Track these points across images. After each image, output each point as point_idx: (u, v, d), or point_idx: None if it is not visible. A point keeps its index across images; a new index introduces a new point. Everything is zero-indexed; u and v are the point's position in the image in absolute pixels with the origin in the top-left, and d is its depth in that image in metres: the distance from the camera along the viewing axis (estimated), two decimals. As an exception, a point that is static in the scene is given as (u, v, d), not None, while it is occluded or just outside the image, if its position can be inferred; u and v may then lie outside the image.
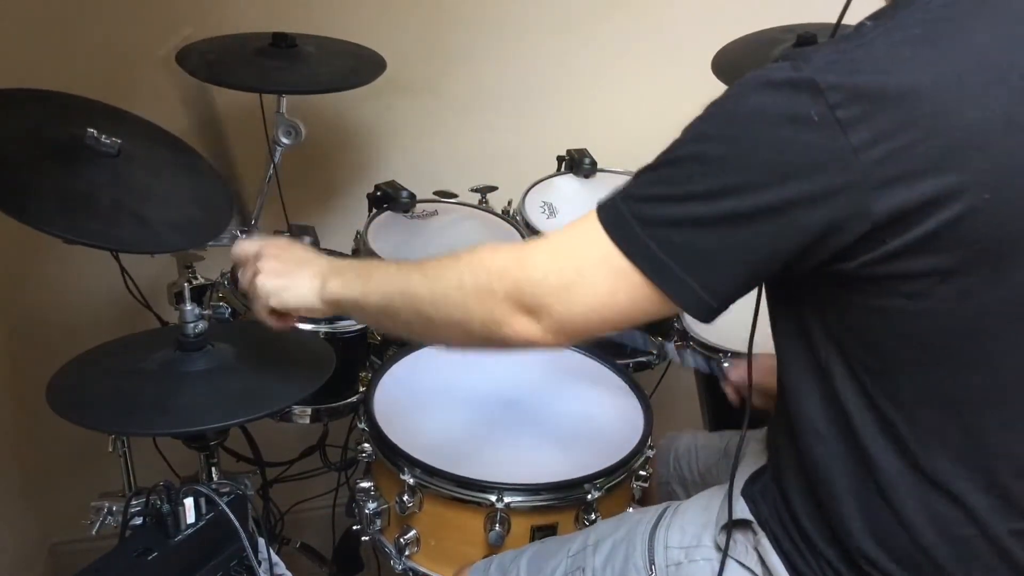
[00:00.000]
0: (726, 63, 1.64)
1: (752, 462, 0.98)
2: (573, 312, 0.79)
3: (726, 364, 1.35)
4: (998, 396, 0.77)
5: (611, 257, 0.76)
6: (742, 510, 0.92)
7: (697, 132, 0.75)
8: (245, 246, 1.01)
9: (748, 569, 0.91)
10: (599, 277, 0.77)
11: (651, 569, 0.97)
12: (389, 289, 0.90)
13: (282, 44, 1.45)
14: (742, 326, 0.93)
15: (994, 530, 0.78)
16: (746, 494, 0.94)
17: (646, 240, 0.75)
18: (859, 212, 0.69)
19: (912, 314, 0.73)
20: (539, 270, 0.80)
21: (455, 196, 1.69)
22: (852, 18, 0.84)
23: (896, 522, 0.80)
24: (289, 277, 0.96)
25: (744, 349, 0.94)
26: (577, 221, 0.80)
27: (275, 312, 0.99)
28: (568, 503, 1.14)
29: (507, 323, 0.81)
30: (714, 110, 0.74)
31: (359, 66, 1.50)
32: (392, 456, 1.17)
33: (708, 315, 0.76)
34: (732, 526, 0.92)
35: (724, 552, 0.92)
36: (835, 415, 0.81)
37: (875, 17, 0.76)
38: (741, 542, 0.92)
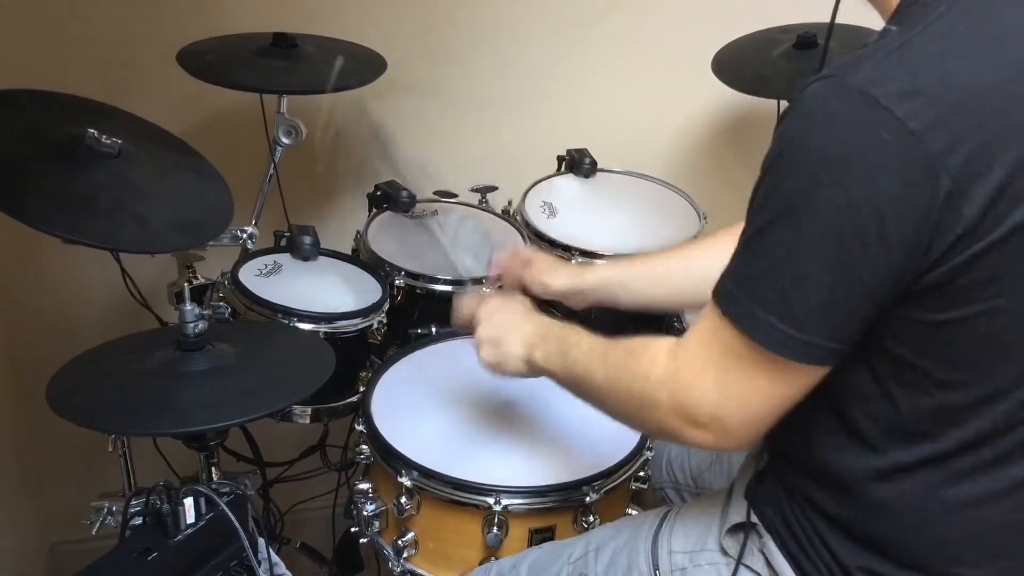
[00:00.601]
0: (726, 63, 1.65)
1: (753, 464, 0.97)
2: (736, 416, 0.80)
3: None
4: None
5: (743, 347, 0.76)
6: (747, 513, 0.92)
7: (773, 191, 0.73)
8: (466, 305, 1.15)
9: (755, 572, 0.91)
10: (744, 372, 0.77)
11: (655, 574, 0.96)
12: (581, 376, 0.97)
13: (282, 44, 1.45)
14: None
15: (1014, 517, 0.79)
16: (749, 497, 0.93)
17: (769, 320, 0.74)
18: (952, 218, 0.68)
19: (989, 314, 0.72)
20: (689, 381, 0.82)
21: (455, 196, 1.69)
22: (846, 17, 0.84)
23: (921, 524, 0.80)
24: (501, 345, 1.06)
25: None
26: (705, 317, 0.80)
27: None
28: (566, 505, 1.14)
29: (681, 433, 0.84)
30: (779, 162, 0.72)
31: (359, 66, 1.50)
32: (389, 458, 1.17)
33: (838, 361, 0.76)
34: (740, 529, 0.92)
35: (738, 560, 0.91)
36: (864, 426, 0.80)
37: (901, 20, 0.74)
38: (747, 545, 0.92)
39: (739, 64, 1.65)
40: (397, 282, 1.44)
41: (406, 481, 1.13)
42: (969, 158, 0.67)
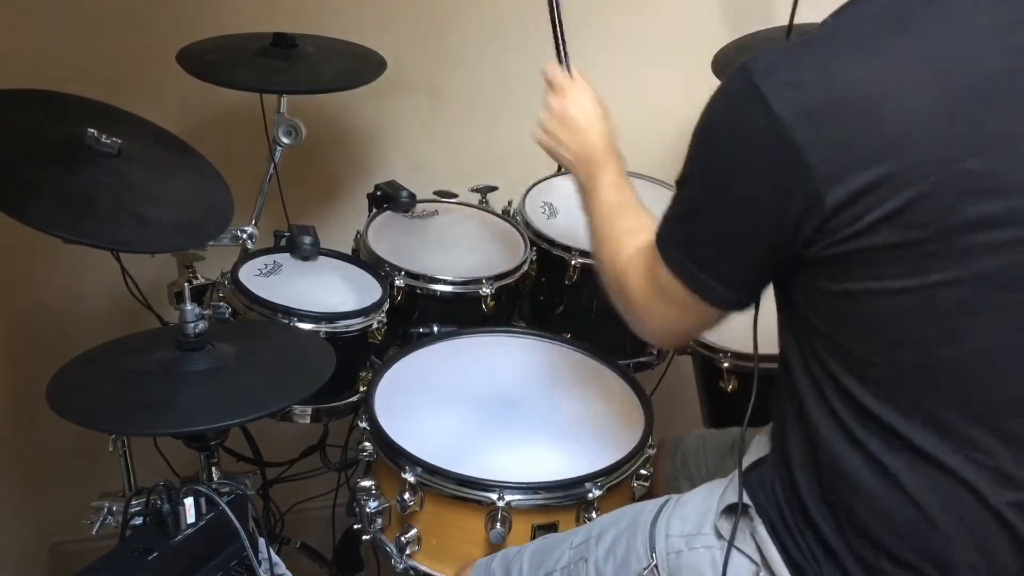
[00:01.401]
0: (726, 63, 1.64)
1: (756, 453, 0.99)
2: (655, 326, 0.97)
3: None
4: (976, 370, 0.78)
5: (664, 274, 0.88)
6: (741, 495, 0.93)
7: (690, 149, 0.85)
8: (556, 77, 1.24)
9: (746, 555, 0.92)
10: (665, 295, 0.90)
11: (652, 556, 0.98)
12: (594, 229, 1.10)
13: (282, 44, 1.45)
14: (745, 327, 0.95)
15: (993, 502, 0.79)
16: (745, 481, 0.95)
17: (680, 255, 0.87)
18: (814, 204, 0.74)
19: (877, 296, 0.77)
20: (633, 294, 0.96)
21: (455, 196, 1.69)
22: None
23: (902, 502, 0.81)
24: (562, 142, 1.18)
25: (743, 349, 0.95)
26: (651, 241, 0.92)
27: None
28: (569, 502, 1.14)
29: (625, 311, 1.00)
30: (696, 127, 0.84)
31: (359, 66, 1.50)
32: (393, 455, 1.17)
33: (738, 308, 0.88)
34: (733, 512, 0.93)
35: (730, 542, 0.92)
36: (827, 404, 0.84)
37: (834, 15, 0.80)
38: (739, 529, 0.93)
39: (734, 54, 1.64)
40: (397, 282, 1.44)
41: (410, 477, 1.13)
42: (832, 156, 0.73)
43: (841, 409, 0.82)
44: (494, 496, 1.11)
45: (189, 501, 0.97)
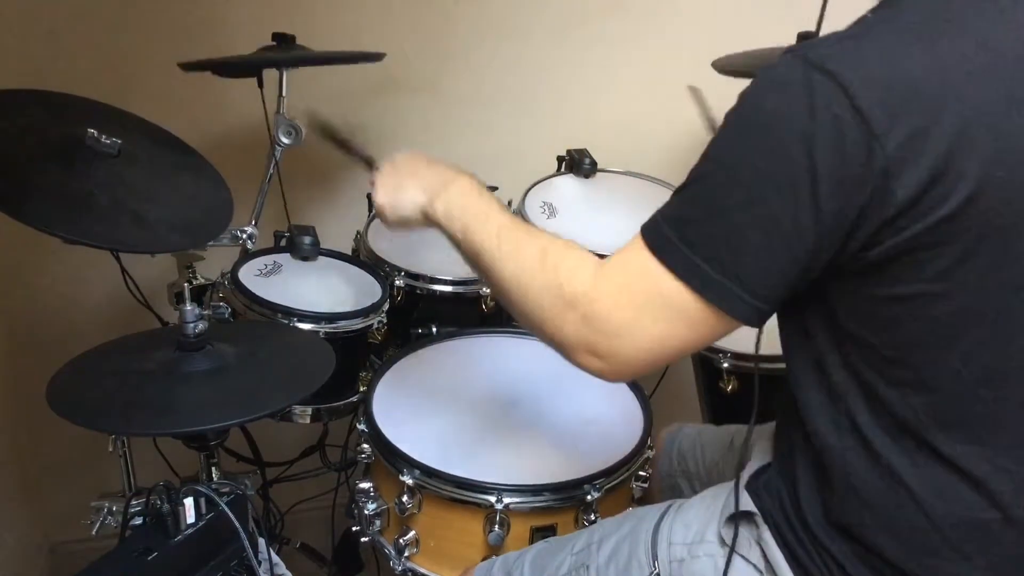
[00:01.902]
0: (726, 64, 1.64)
1: (759, 458, 0.98)
2: (637, 349, 0.81)
3: None
4: (1014, 375, 0.77)
5: (665, 283, 0.78)
6: (746, 503, 0.92)
7: (722, 143, 0.77)
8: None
9: (751, 564, 0.91)
10: (658, 308, 0.79)
11: (654, 565, 0.97)
12: (481, 253, 0.92)
13: (282, 44, 1.45)
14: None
15: (1015, 512, 0.78)
16: (750, 488, 0.94)
17: (694, 260, 0.76)
18: (884, 198, 0.71)
19: (931, 297, 0.74)
20: (605, 306, 0.81)
21: (455, 196, 1.69)
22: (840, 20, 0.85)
23: (913, 511, 0.80)
24: (399, 192, 1.02)
25: (743, 349, 0.94)
26: (628, 249, 0.82)
27: (402, 222, 1.05)
28: (568, 504, 1.14)
29: (574, 352, 0.84)
30: (734, 118, 0.76)
31: (359, 66, 1.50)
32: (391, 457, 1.17)
33: (762, 321, 0.79)
34: (737, 518, 0.92)
35: (731, 547, 0.92)
36: (845, 406, 0.81)
37: (876, 9, 0.78)
38: (744, 536, 0.92)
39: (740, 64, 1.64)
40: (397, 282, 1.44)
41: (408, 479, 1.13)
42: (905, 143, 0.69)
43: (866, 422, 0.80)
44: (492, 498, 1.11)
45: (189, 501, 0.97)
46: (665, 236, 0.79)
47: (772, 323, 0.90)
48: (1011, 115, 0.71)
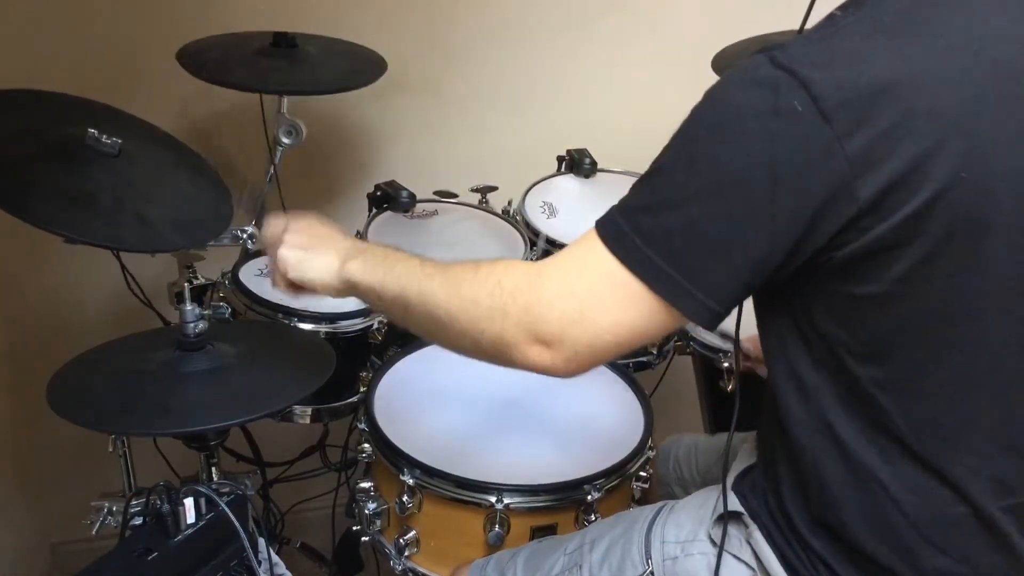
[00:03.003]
0: (726, 63, 1.64)
1: (746, 459, 0.99)
2: (586, 338, 0.79)
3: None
4: (984, 375, 0.77)
5: (615, 273, 0.76)
6: (732, 503, 0.93)
7: (684, 136, 0.76)
8: (274, 221, 1.01)
9: (743, 562, 0.92)
10: (608, 298, 0.77)
11: (648, 563, 0.97)
12: (407, 285, 0.88)
13: (282, 44, 1.45)
14: (747, 326, 0.92)
15: (986, 507, 0.79)
16: (736, 489, 0.95)
17: (646, 251, 0.75)
18: (846, 198, 0.71)
19: (899, 298, 0.75)
20: (549, 294, 0.79)
21: (455, 196, 1.69)
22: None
23: (889, 508, 0.80)
24: (311, 251, 0.96)
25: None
26: (581, 239, 0.80)
27: (293, 285, 0.99)
28: (568, 504, 1.14)
29: (518, 348, 0.81)
30: (698, 113, 0.76)
31: (359, 66, 1.50)
32: (392, 457, 1.17)
33: (713, 321, 0.77)
34: (726, 518, 0.93)
35: (720, 546, 0.92)
36: (819, 407, 0.82)
37: (844, 7, 0.78)
38: (735, 536, 0.93)
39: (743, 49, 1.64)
40: (397, 282, 1.44)
41: (408, 479, 1.13)
42: (868, 145, 0.70)
43: (840, 422, 0.81)
44: (492, 498, 1.11)
45: (189, 501, 0.97)
46: (618, 226, 0.77)
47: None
48: (981, 117, 0.71)
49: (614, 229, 0.78)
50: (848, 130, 0.69)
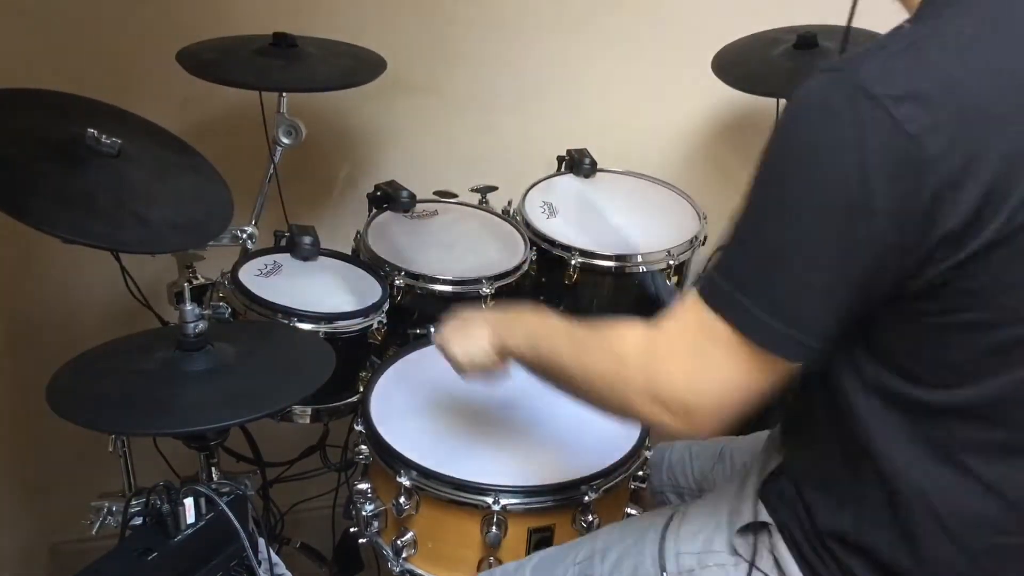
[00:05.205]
0: (726, 63, 1.65)
1: (763, 463, 0.97)
2: (707, 404, 0.79)
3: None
4: None
5: (723, 334, 0.76)
6: (760, 512, 0.91)
7: (766, 181, 0.74)
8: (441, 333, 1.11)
9: (763, 573, 0.90)
10: (723, 361, 0.77)
11: (662, 575, 0.96)
12: (547, 356, 0.94)
13: (282, 44, 1.45)
14: None
15: None
16: (762, 495, 0.93)
17: (751, 308, 0.74)
18: (934, 223, 0.68)
19: (981, 324, 0.73)
20: (671, 370, 0.80)
21: (455, 196, 1.69)
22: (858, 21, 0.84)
23: (936, 530, 0.79)
24: (469, 340, 1.05)
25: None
26: (682, 303, 0.80)
27: (478, 370, 1.07)
28: (565, 505, 1.14)
29: (645, 413, 0.82)
30: (775, 151, 0.73)
31: (359, 66, 1.50)
32: (388, 458, 1.17)
33: (816, 360, 0.76)
34: (750, 530, 0.91)
35: (751, 563, 0.90)
36: (877, 427, 0.79)
37: (915, 19, 0.75)
38: (758, 546, 0.91)
39: (739, 63, 1.65)
40: (397, 282, 1.44)
41: (405, 481, 1.13)
42: (959, 164, 0.67)
43: (906, 440, 0.79)
44: (489, 500, 1.11)
45: (189, 501, 0.97)
46: (717, 284, 0.77)
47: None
48: None
49: (714, 289, 0.77)
50: (939, 152, 0.66)
